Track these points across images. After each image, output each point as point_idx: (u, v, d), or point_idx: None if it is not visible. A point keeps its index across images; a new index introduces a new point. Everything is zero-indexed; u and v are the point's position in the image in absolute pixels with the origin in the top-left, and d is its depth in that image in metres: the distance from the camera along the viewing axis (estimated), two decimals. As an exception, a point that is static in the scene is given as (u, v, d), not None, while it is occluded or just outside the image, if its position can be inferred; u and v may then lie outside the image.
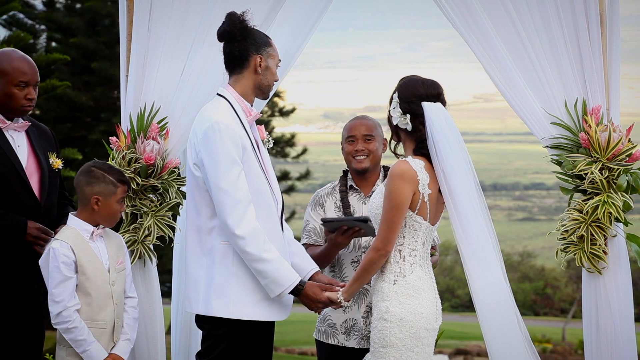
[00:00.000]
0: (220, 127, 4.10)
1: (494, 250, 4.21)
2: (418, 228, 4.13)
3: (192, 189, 4.23)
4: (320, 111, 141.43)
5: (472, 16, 4.74)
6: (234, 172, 4.09)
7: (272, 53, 4.29)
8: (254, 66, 4.24)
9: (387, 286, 4.10)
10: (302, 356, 21.34)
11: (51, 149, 4.60)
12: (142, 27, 4.90)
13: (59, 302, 4.11)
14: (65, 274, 4.13)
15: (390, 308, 4.06)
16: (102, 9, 17.14)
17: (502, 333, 4.20)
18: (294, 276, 4.13)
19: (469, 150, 4.23)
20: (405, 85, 4.20)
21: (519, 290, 34.16)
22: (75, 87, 16.74)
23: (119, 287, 4.30)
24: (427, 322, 4.09)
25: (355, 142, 4.83)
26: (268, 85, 4.31)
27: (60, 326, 4.13)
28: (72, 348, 4.17)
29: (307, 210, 4.94)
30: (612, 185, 4.57)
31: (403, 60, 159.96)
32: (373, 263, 4.11)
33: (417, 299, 4.08)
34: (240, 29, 4.22)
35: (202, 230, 4.17)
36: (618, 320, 4.58)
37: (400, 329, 4.05)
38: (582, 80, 4.69)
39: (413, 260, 4.13)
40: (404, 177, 4.08)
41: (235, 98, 4.25)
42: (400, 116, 4.16)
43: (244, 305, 4.12)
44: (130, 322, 4.35)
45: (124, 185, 4.30)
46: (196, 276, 4.18)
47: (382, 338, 4.06)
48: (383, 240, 4.08)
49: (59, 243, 4.17)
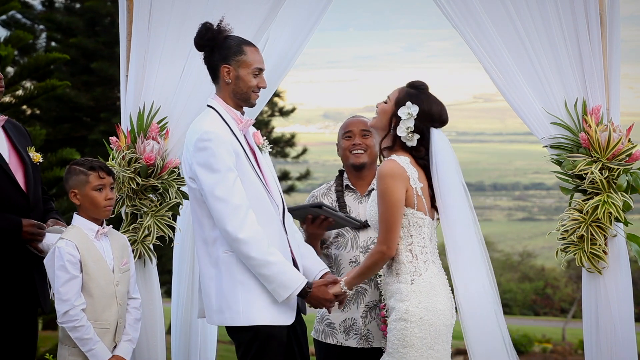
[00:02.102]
0: (211, 136, 4.11)
1: (481, 257, 4.22)
2: (422, 224, 4.15)
3: (192, 203, 4.27)
4: (320, 111, 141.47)
5: (472, 16, 4.74)
6: (229, 179, 4.09)
7: (246, 60, 4.24)
8: (223, 77, 4.25)
9: (405, 287, 4.11)
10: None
11: (28, 143, 4.60)
12: (142, 27, 4.90)
13: (65, 301, 4.12)
14: (71, 273, 4.14)
15: (410, 308, 4.08)
16: (102, 9, 17.13)
17: (483, 337, 4.21)
18: (300, 278, 4.14)
19: (469, 150, 4.27)
20: (427, 103, 4.17)
21: (519, 290, 34.14)
22: (75, 87, 16.73)
23: (122, 287, 4.31)
24: (446, 318, 4.12)
25: (352, 138, 4.84)
26: (244, 94, 4.27)
27: (67, 325, 4.14)
28: (76, 347, 4.18)
29: None
30: (612, 185, 4.57)
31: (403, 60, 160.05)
32: (376, 264, 4.17)
33: (435, 296, 4.11)
34: (208, 40, 4.23)
35: (208, 242, 4.20)
36: (618, 320, 4.58)
37: (421, 328, 4.06)
38: (582, 80, 4.69)
39: (425, 258, 4.15)
40: (393, 175, 4.08)
41: (223, 108, 4.27)
42: (409, 132, 4.14)
43: (254, 311, 4.12)
44: (132, 322, 4.35)
45: (95, 171, 4.23)
46: (208, 288, 4.23)
47: (401, 339, 4.07)
48: (385, 242, 4.10)
49: (64, 242, 4.17)
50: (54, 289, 4.15)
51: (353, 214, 4.81)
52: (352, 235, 4.80)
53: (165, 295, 11.92)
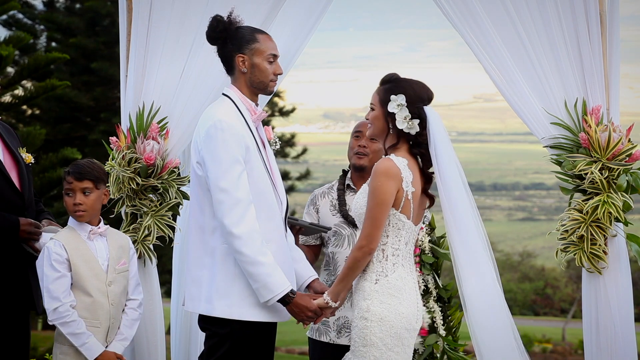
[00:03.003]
0: (223, 125, 4.09)
1: (485, 251, 4.21)
2: (401, 227, 4.11)
3: (196, 188, 4.21)
4: (320, 111, 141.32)
5: (472, 16, 4.74)
6: (235, 171, 4.07)
7: (259, 48, 4.23)
8: (239, 66, 4.24)
9: (369, 285, 4.08)
10: (302, 356, 21.33)
11: (18, 144, 4.60)
12: (142, 27, 4.90)
13: (55, 298, 4.15)
14: (59, 271, 4.16)
15: (371, 307, 4.04)
16: (102, 9, 17.13)
17: (493, 336, 4.19)
18: (285, 284, 4.09)
19: (469, 150, 4.28)
20: (410, 87, 4.16)
21: (519, 290, 34.13)
22: (75, 87, 16.74)
23: (116, 287, 4.30)
24: (408, 322, 4.07)
25: (360, 138, 4.92)
26: (261, 82, 4.26)
27: (58, 321, 4.15)
28: (67, 345, 4.20)
29: (304, 211, 5.04)
30: (612, 185, 4.57)
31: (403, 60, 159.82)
32: (357, 261, 4.08)
33: (399, 299, 4.06)
34: (220, 32, 4.22)
35: (206, 230, 4.16)
36: (618, 320, 4.58)
37: (381, 328, 4.02)
38: (582, 80, 4.69)
39: (395, 260, 4.12)
40: (388, 174, 4.07)
41: (239, 97, 4.25)
42: (408, 120, 4.14)
43: (246, 306, 4.10)
44: (127, 322, 4.35)
45: (68, 175, 4.28)
46: (198, 276, 4.17)
47: (362, 337, 4.04)
48: (367, 238, 4.06)
49: (53, 242, 4.23)
50: (44, 287, 4.18)
51: (351, 213, 4.84)
52: (349, 233, 4.83)
53: (165, 295, 11.94)
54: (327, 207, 4.91)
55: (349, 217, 4.86)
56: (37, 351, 11.70)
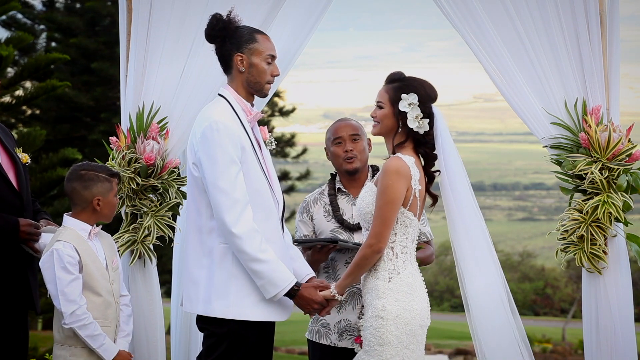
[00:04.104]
0: (219, 126, 4.10)
1: (490, 251, 4.23)
2: (409, 224, 4.13)
3: (192, 189, 4.22)
4: (320, 111, 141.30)
5: (472, 16, 4.74)
6: (232, 172, 4.08)
7: (258, 48, 4.23)
8: (237, 66, 4.24)
9: (382, 284, 4.09)
10: (302, 356, 21.34)
11: (15, 144, 4.60)
12: (142, 27, 4.90)
13: (72, 301, 4.14)
14: (73, 274, 4.15)
15: (386, 306, 4.05)
16: (102, 9, 17.16)
17: (495, 335, 4.19)
18: (290, 277, 4.12)
19: (469, 150, 4.28)
20: (421, 86, 4.18)
21: (519, 290, 34.16)
22: (75, 87, 16.76)
23: (117, 285, 4.35)
24: (422, 319, 4.10)
25: (342, 144, 4.85)
26: (257, 82, 4.26)
27: (76, 324, 4.14)
28: (78, 347, 4.19)
29: (297, 218, 4.99)
30: (612, 185, 4.57)
31: (403, 60, 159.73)
32: (366, 259, 4.10)
33: (412, 296, 4.09)
34: (219, 30, 4.21)
35: (203, 231, 4.17)
36: (618, 320, 4.58)
37: (397, 326, 4.04)
38: (582, 80, 4.69)
39: (405, 257, 4.13)
40: (399, 172, 4.08)
41: (234, 98, 4.25)
42: (419, 120, 4.15)
43: (244, 305, 4.11)
44: (125, 319, 4.38)
45: (115, 177, 4.35)
46: (196, 276, 4.18)
47: (378, 336, 4.05)
48: (376, 236, 4.07)
49: (62, 244, 4.18)
50: (58, 291, 4.14)
51: (346, 216, 4.82)
52: (346, 237, 4.80)
53: (165, 295, 11.93)
54: (321, 214, 4.89)
55: (344, 222, 4.82)
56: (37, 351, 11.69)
